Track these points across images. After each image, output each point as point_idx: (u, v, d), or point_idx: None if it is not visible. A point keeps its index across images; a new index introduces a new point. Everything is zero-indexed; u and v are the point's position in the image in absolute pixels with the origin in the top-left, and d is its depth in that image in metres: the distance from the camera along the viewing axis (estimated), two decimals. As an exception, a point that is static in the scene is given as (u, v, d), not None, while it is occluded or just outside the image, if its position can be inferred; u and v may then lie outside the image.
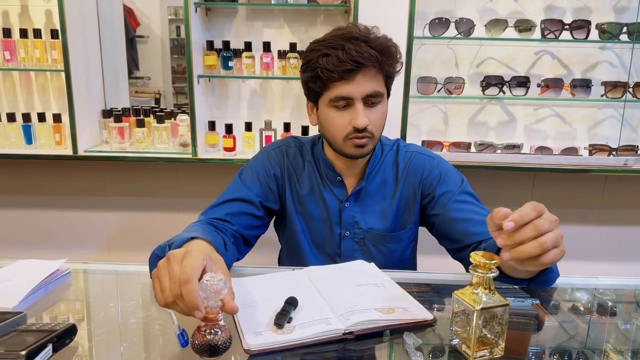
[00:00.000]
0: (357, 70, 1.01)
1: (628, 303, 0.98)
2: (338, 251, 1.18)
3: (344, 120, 1.06)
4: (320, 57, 1.03)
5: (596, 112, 2.04)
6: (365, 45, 1.01)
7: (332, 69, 1.01)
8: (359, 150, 1.08)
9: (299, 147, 1.22)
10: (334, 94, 1.04)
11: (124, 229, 2.20)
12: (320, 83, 1.05)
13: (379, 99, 1.07)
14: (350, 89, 1.02)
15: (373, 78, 1.04)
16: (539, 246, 0.68)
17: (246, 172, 1.18)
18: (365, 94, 1.03)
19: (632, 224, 2.15)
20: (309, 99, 1.13)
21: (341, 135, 1.07)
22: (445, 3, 1.93)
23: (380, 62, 1.03)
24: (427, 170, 1.17)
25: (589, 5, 1.94)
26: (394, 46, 1.07)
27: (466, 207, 1.10)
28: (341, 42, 1.01)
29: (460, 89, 1.92)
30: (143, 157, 1.93)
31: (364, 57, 1.00)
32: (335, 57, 1.00)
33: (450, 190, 1.13)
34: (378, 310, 0.78)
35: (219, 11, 1.99)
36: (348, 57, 0.99)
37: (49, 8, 2.00)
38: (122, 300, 0.91)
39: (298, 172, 1.20)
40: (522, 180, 2.11)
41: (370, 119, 1.05)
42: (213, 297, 0.63)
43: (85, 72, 1.97)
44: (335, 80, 1.02)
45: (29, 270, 0.93)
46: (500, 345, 0.70)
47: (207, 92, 2.03)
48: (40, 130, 1.97)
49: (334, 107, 1.06)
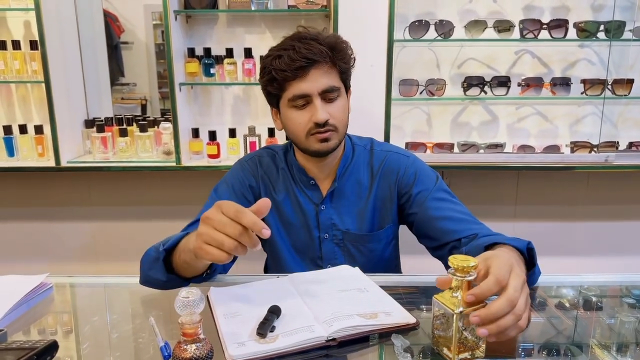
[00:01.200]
0: (309, 66, 1.04)
1: (613, 297, 0.99)
2: (319, 254, 1.19)
3: (304, 118, 1.08)
4: (273, 60, 1.06)
5: (577, 110, 2.07)
6: (315, 43, 1.05)
7: (285, 68, 1.04)
8: (324, 145, 1.09)
9: (271, 156, 1.23)
10: (291, 94, 1.06)
11: (110, 239, 2.18)
12: (277, 85, 1.07)
13: (336, 94, 1.09)
14: (305, 85, 1.05)
15: (327, 73, 1.06)
16: (515, 318, 0.67)
17: (221, 187, 1.19)
18: (321, 89, 1.06)
19: (616, 219, 2.18)
20: (271, 104, 1.16)
21: (303, 133, 1.09)
22: (424, 5, 1.95)
23: (331, 57, 1.06)
24: (403, 169, 1.18)
25: (566, 4, 1.96)
26: (343, 42, 1.10)
27: (443, 204, 1.12)
28: (291, 43, 1.05)
29: (441, 90, 1.94)
30: (127, 166, 1.92)
31: (314, 53, 1.03)
32: (287, 57, 1.04)
33: (426, 188, 1.14)
34: (361, 315, 0.78)
35: (199, 18, 1.98)
36: (299, 55, 1.03)
37: (27, 19, 1.98)
38: (105, 313, 0.90)
39: (273, 180, 1.20)
40: (506, 179, 2.13)
41: (330, 113, 1.07)
42: (191, 311, 0.64)
43: (66, 82, 1.95)
44: (290, 79, 1.05)
45: (9, 287, 0.92)
46: (481, 347, 0.70)
47: (190, 100, 2.02)
48: (22, 142, 1.95)
49: (293, 107, 1.08)
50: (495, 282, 0.68)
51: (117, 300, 1.00)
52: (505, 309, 0.66)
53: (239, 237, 0.74)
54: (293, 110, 1.09)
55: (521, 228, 2.17)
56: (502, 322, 0.66)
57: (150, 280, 0.96)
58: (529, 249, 0.92)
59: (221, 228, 0.75)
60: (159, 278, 0.94)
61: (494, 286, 0.68)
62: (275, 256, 1.21)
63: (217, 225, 0.75)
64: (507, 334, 0.68)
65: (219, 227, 0.75)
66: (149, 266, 0.95)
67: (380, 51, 1.80)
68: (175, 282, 0.95)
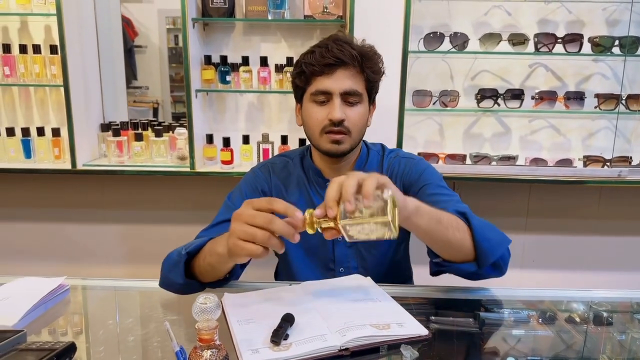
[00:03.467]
0: (337, 65, 1.09)
1: (624, 313, 0.99)
2: (332, 257, 1.19)
3: (321, 114, 1.11)
4: (306, 54, 1.13)
5: (590, 124, 2.06)
6: (348, 46, 1.10)
7: (314, 63, 1.09)
8: (335, 147, 1.12)
9: (284, 163, 1.26)
10: (315, 88, 1.11)
11: (123, 242, 2.20)
12: (304, 78, 1.13)
13: (358, 99, 1.12)
14: (329, 82, 1.09)
15: (353, 77, 1.10)
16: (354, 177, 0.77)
17: (235, 194, 1.21)
18: (343, 90, 1.09)
19: (628, 234, 2.16)
20: (296, 98, 1.20)
21: (318, 129, 1.12)
22: (439, 17, 1.96)
23: (360, 63, 1.10)
24: (409, 169, 1.21)
25: (581, 19, 1.96)
26: (376, 54, 1.14)
27: (440, 198, 1.12)
28: (326, 42, 1.11)
29: (455, 101, 1.94)
30: (141, 170, 1.94)
31: (345, 54, 1.08)
32: (319, 53, 1.09)
33: (427, 184, 1.17)
34: (373, 326, 0.79)
35: (216, 26, 2.01)
36: (330, 54, 1.08)
37: (48, 23, 2.02)
38: (121, 316, 0.92)
39: (286, 185, 1.23)
40: (518, 191, 2.12)
41: (347, 115, 1.11)
42: (208, 317, 0.65)
43: (84, 86, 1.99)
44: (316, 74, 1.10)
45: (28, 288, 0.94)
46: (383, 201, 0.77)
47: (205, 106, 2.05)
48: (39, 144, 1.99)
49: (314, 102, 1.12)
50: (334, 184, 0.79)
51: (133, 304, 1.01)
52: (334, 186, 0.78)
53: (270, 225, 0.77)
54: (313, 105, 1.13)
55: (532, 241, 2.16)
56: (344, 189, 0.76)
57: (168, 282, 0.99)
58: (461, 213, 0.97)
59: (252, 221, 0.79)
60: (177, 281, 0.96)
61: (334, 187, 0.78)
62: (287, 259, 1.22)
63: (247, 219, 0.79)
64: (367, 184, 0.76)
65: (249, 221, 0.79)
66: (169, 268, 0.98)
67: (394, 62, 1.82)
68: (192, 287, 0.97)
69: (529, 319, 0.94)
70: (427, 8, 1.94)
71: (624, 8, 1.94)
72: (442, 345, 0.81)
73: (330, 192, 0.77)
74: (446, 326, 0.89)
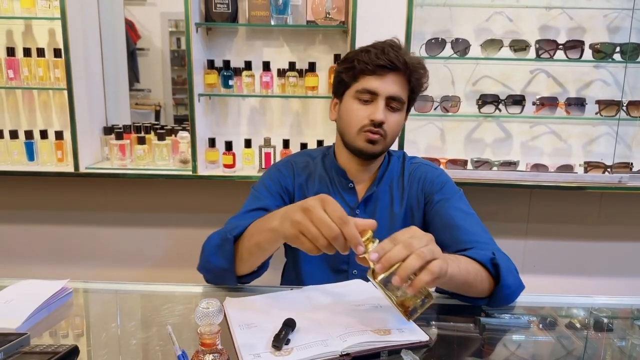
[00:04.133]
0: (389, 70, 1.10)
1: (624, 319, 1.00)
2: (346, 259, 1.19)
3: (363, 112, 1.13)
4: (360, 52, 1.13)
5: (591, 129, 2.07)
6: (403, 54, 1.12)
7: (368, 61, 1.10)
8: (370, 146, 1.14)
9: (305, 162, 1.27)
10: (362, 86, 1.12)
11: (125, 245, 2.21)
12: (353, 74, 1.13)
13: (399, 106, 1.14)
14: (378, 84, 1.11)
15: (400, 84, 1.13)
16: (417, 257, 0.73)
17: (260, 187, 1.22)
18: (390, 94, 1.11)
19: (628, 240, 2.17)
20: (336, 93, 1.21)
21: (357, 127, 1.14)
22: (441, 23, 1.97)
23: (410, 72, 1.12)
24: (430, 178, 1.23)
25: (582, 25, 1.97)
26: (423, 69, 1.16)
27: (457, 214, 1.14)
28: (383, 45, 1.12)
29: (456, 107, 1.95)
30: (144, 174, 1.95)
31: (399, 60, 1.10)
32: (374, 54, 1.10)
33: (446, 197, 1.18)
34: (374, 331, 0.79)
35: (219, 31, 2.02)
36: (385, 57, 1.09)
37: (52, 27, 2.04)
38: (123, 320, 0.92)
39: (308, 184, 1.24)
40: (519, 197, 2.13)
41: (387, 119, 1.12)
42: (210, 322, 0.66)
43: (87, 89, 2.00)
44: (367, 72, 1.11)
45: (31, 291, 0.95)
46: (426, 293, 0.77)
47: (208, 110, 2.06)
48: (42, 147, 1.99)
49: (357, 100, 1.14)
50: (390, 239, 0.77)
51: (135, 307, 1.02)
52: (401, 251, 0.74)
53: (333, 241, 0.78)
54: (356, 102, 1.14)
55: (533, 246, 2.17)
56: (406, 264, 0.73)
57: (209, 267, 1.01)
58: (494, 264, 0.95)
59: (319, 225, 0.78)
60: (219, 265, 0.98)
61: (388, 242, 0.76)
62: (297, 258, 1.23)
63: (316, 221, 0.78)
64: (421, 279, 0.73)
65: (317, 224, 0.78)
66: (211, 252, 1.00)
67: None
68: (230, 276, 0.99)
69: (529, 324, 0.94)
70: (429, 14, 1.95)
71: (625, 15, 1.95)
72: (442, 350, 0.81)
73: (397, 253, 0.74)
74: (447, 332, 0.89)
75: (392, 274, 0.74)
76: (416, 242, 0.75)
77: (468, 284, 0.91)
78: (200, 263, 1.04)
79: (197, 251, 1.07)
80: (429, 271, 0.74)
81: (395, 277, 0.73)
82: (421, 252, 0.74)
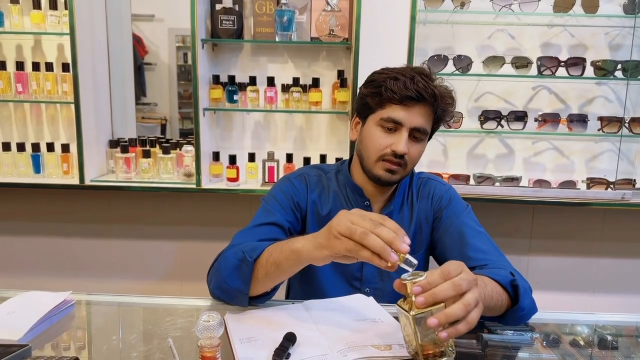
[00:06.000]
0: (417, 101, 1.08)
1: (628, 337, 0.99)
2: (359, 276, 1.19)
3: (386, 141, 1.10)
4: (388, 78, 1.09)
5: (593, 146, 2.07)
6: (432, 84, 1.09)
7: (396, 91, 1.07)
8: (388, 175, 1.12)
9: (318, 176, 1.25)
10: (387, 114, 1.09)
11: (128, 257, 2.21)
12: (379, 100, 1.11)
13: (423, 137, 1.13)
14: (404, 115, 1.08)
15: (426, 115, 1.10)
16: (464, 308, 0.70)
17: (271, 200, 1.20)
18: (414, 126, 1.09)
19: (632, 256, 2.15)
20: (359, 114, 1.18)
21: (377, 154, 1.12)
22: (443, 40, 1.99)
23: (437, 103, 1.09)
24: (438, 194, 1.22)
25: (584, 43, 1.99)
26: (451, 98, 1.13)
27: (467, 231, 1.14)
28: (412, 73, 1.09)
29: (458, 122, 1.96)
30: (148, 187, 1.97)
31: (428, 92, 1.07)
32: (403, 83, 1.07)
33: (455, 214, 1.18)
34: (375, 347, 0.80)
35: (225, 47, 2.05)
36: (414, 87, 1.06)
37: (61, 42, 2.07)
38: (124, 332, 0.93)
39: (322, 200, 1.22)
40: (521, 212, 2.13)
41: (409, 150, 1.10)
42: (211, 335, 0.67)
43: (94, 103, 2.02)
44: (394, 102, 1.08)
45: (34, 302, 0.95)
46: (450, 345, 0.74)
47: (212, 124, 2.08)
48: (49, 159, 2.02)
49: (381, 127, 1.11)
50: (441, 274, 0.73)
51: (136, 320, 1.02)
52: (448, 289, 0.71)
53: (361, 248, 0.77)
54: (379, 129, 1.11)
55: (536, 262, 2.16)
56: (451, 312, 0.70)
57: (225, 287, 0.99)
58: (513, 286, 0.93)
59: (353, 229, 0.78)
60: (237, 286, 0.96)
61: (439, 277, 0.72)
62: (312, 274, 1.20)
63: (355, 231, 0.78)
64: (457, 328, 0.70)
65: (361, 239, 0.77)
66: (229, 273, 0.98)
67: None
68: (245, 297, 0.97)
69: (532, 341, 0.94)
70: (431, 31, 1.97)
71: (626, 33, 1.96)
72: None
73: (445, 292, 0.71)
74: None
75: (428, 313, 0.71)
76: (465, 284, 0.72)
77: (488, 309, 0.89)
78: (214, 282, 1.02)
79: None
80: (467, 323, 0.71)
81: (433, 319, 0.69)
82: (469, 303, 0.71)
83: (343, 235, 0.79)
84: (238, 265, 0.96)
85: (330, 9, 1.88)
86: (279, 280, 0.97)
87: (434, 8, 1.89)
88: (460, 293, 0.71)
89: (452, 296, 0.71)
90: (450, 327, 0.71)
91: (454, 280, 0.72)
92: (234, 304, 1.00)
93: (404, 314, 0.73)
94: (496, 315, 0.95)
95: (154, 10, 2.72)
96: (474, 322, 0.72)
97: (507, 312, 0.94)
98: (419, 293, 0.71)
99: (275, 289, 1.01)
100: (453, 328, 0.70)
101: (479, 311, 0.73)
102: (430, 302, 0.71)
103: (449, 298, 0.71)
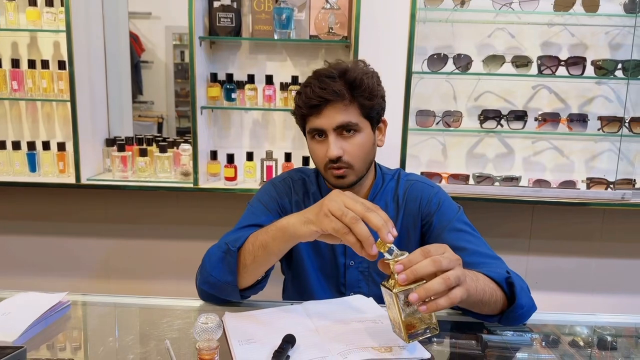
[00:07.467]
0: (324, 104, 1.08)
1: (628, 337, 0.98)
2: (343, 281, 1.19)
3: (321, 151, 1.12)
4: (297, 95, 1.14)
5: (593, 146, 2.06)
6: (331, 81, 1.07)
7: (302, 105, 1.11)
8: (340, 181, 1.12)
9: (302, 180, 1.26)
10: (309, 127, 1.13)
11: (125, 257, 2.20)
12: (300, 118, 1.16)
13: (355, 129, 1.10)
14: (319, 121, 1.10)
15: (343, 110, 1.08)
16: (443, 282, 0.72)
17: (256, 204, 1.21)
18: (335, 125, 1.09)
19: (631, 257, 2.15)
20: (303, 133, 1.21)
21: (321, 165, 1.14)
22: (443, 39, 1.98)
23: (349, 95, 1.08)
24: (427, 197, 1.19)
25: (584, 42, 1.98)
26: (367, 78, 1.09)
27: (461, 235, 1.12)
28: (310, 81, 1.11)
29: (458, 122, 1.95)
30: (145, 186, 1.95)
31: (328, 92, 1.07)
32: (304, 95, 1.10)
33: (447, 218, 1.15)
34: (375, 349, 0.78)
35: (223, 45, 2.04)
36: (314, 94, 1.08)
37: (57, 40, 2.05)
38: (121, 334, 0.92)
39: (305, 202, 1.22)
40: (521, 212, 2.12)
41: (345, 149, 1.09)
42: (209, 337, 0.65)
43: (91, 101, 2.00)
44: (306, 115, 1.12)
45: (29, 304, 0.94)
46: (434, 323, 0.76)
47: (210, 122, 2.06)
48: (44, 158, 2.00)
49: (313, 139, 1.14)
50: (421, 252, 0.75)
51: (133, 321, 1.01)
52: (428, 265, 0.73)
53: (347, 233, 0.79)
54: (313, 142, 1.14)
55: (535, 262, 2.15)
56: (430, 286, 0.71)
57: (212, 281, 0.99)
58: (509, 283, 0.93)
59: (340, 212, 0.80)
60: (224, 278, 0.97)
61: (420, 255, 0.74)
62: (299, 277, 1.22)
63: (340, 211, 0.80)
64: (439, 303, 0.72)
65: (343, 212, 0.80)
66: (213, 265, 0.98)
67: (398, 82, 1.83)
68: (233, 290, 0.97)
69: (532, 342, 0.93)
70: (431, 30, 1.96)
71: (626, 32, 1.96)
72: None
73: (425, 268, 0.73)
74: (448, 349, 0.88)
75: (410, 290, 0.73)
76: (445, 262, 0.74)
77: (482, 303, 0.89)
78: (200, 278, 1.02)
79: (197, 264, 1.06)
80: (449, 299, 0.73)
81: (413, 294, 0.71)
82: (448, 277, 0.73)
83: (333, 215, 0.80)
84: (222, 257, 0.97)
85: (329, 7, 1.86)
86: (268, 263, 0.98)
87: (434, 6, 1.87)
88: (440, 270, 0.73)
89: (432, 272, 0.73)
90: (431, 302, 0.72)
91: (434, 257, 0.74)
92: (225, 298, 1.00)
93: (387, 293, 0.75)
94: (495, 315, 0.94)
95: (151, 8, 2.70)
96: (455, 299, 0.73)
97: (506, 311, 0.93)
98: (400, 271, 0.73)
99: (266, 277, 1.02)
100: (433, 302, 0.72)
101: (462, 290, 0.74)
102: (411, 278, 0.73)
103: (430, 275, 0.73)
